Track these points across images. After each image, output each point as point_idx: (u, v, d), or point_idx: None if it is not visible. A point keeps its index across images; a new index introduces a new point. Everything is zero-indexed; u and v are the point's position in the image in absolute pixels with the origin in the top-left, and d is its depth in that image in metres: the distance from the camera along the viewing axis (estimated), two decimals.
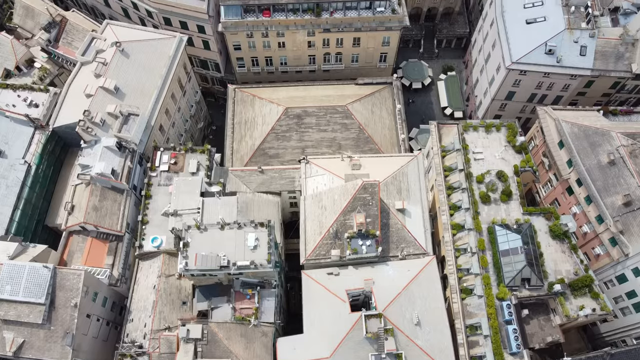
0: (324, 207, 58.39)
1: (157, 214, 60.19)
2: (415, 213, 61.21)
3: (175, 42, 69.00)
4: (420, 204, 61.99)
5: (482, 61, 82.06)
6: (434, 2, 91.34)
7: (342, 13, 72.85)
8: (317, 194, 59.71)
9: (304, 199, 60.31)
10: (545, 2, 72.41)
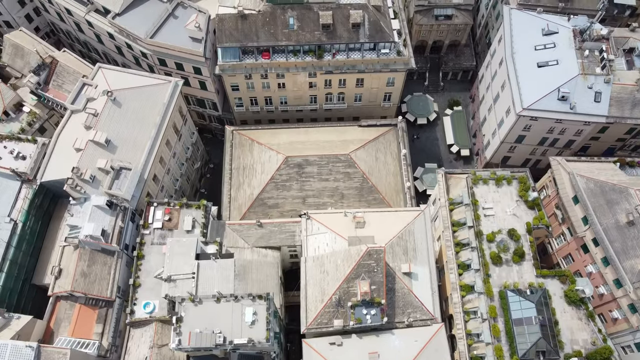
0: (326, 271, 55.15)
1: (150, 276, 56.98)
2: (422, 274, 58.01)
3: (170, 87, 65.83)
4: (427, 264, 58.81)
5: (490, 100, 78.81)
6: (439, 35, 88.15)
7: (344, 55, 69.63)
8: (318, 256, 56.47)
9: (305, 261, 57.07)
10: (557, 44, 69.20)
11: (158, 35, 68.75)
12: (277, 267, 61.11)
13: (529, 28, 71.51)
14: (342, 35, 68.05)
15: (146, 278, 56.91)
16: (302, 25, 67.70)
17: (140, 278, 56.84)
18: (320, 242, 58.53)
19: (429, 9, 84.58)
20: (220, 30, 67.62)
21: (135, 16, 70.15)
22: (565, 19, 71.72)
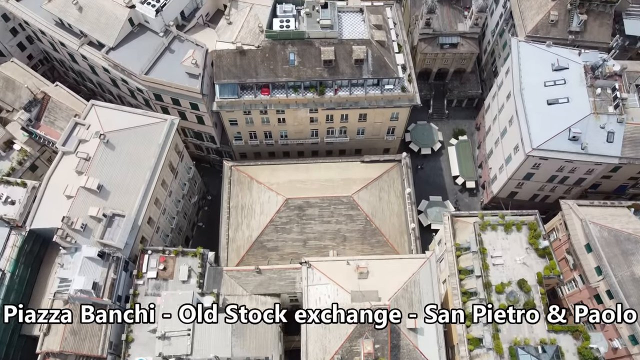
0: (327, 328, 52.58)
1: (143, 330, 54.46)
2: (428, 328, 55.32)
3: (166, 127, 63.37)
4: (433, 317, 56.09)
5: (497, 132, 76.23)
6: (444, 63, 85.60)
7: (347, 91, 67.11)
8: (320, 310, 53.85)
9: (306, 315, 54.48)
10: (568, 80, 66.66)
11: (153, 71, 66.24)
12: (279, 335, 58.56)
13: (538, 62, 68.98)
14: (344, 71, 65.53)
15: (139, 332, 54.40)
16: (303, 61, 65.19)
17: (133, 332, 54.34)
18: (321, 293, 55.92)
19: (434, 37, 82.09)
20: (218, 67, 65.13)
21: (130, 50, 67.72)
22: (575, 52, 69.15)
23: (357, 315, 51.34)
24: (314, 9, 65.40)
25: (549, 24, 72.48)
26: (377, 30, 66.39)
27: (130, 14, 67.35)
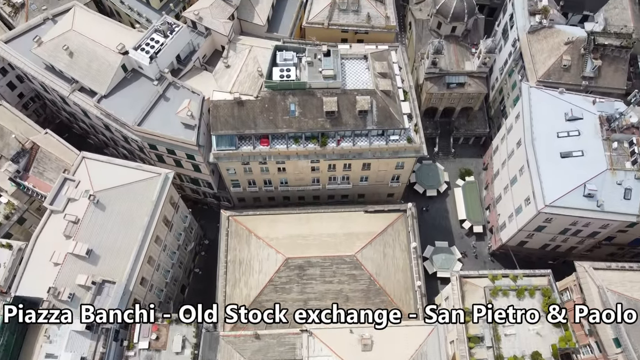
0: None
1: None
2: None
3: (160, 182, 60.30)
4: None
5: (507, 179, 73.07)
6: (450, 102, 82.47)
7: (350, 141, 63.99)
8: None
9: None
10: (582, 132, 63.57)
11: (147, 121, 63.18)
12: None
13: (550, 111, 65.94)
14: (347, 122, 62.41)
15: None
16: (304, 111, 62.08)
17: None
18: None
19: (440, 76, 78.95)
20: (215, 118, 62.02)
21: (123, 98, 64.65)
22: (590, 100, 66.11)
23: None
24: (316, 58, 62.29)
25: (562, 69, 69.39)
26: (382, 79, 63.25)
27: (124, 60, 64.28)
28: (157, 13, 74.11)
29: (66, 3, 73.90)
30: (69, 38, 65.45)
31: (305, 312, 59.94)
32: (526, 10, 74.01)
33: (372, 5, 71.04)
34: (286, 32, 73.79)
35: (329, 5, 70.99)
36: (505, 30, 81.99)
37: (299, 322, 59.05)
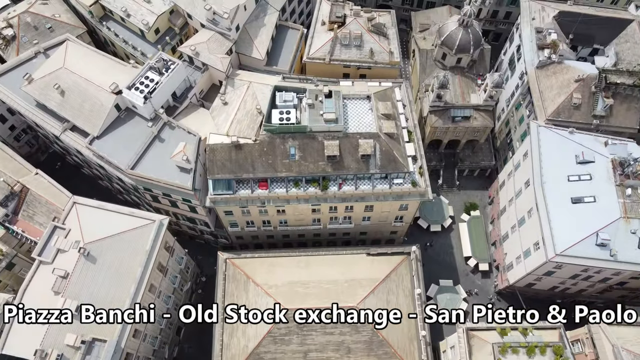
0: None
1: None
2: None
3: (154, 230, 57.77)
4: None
5: (514, 218, 70.56)
6: (455, 135, 79.96)
7: (352, 184, 61.49)
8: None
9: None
10: (593, 176, 61.11)
11: (141, 164, 60.66)
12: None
13: (561, 152, 63.54)
14: (349, 165, 59.92)
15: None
16: (304, 155, 59.59)
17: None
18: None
19: (445, 110, 76.47)
20: (212, 161, 59.53)
21: (116, 139, 62.12)
22: (601, 141, 63.73)
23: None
24: (317, 99, 59.83)
25: (572, 107, 66.91)
26: (385, 121, 60.78)
27: (117, 100, 61.81)
28: (153, 46, 71.68)
29: (58, 35, 71.84)
30: (60, 76, 62.96)
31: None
32: (534, 44, 71.56)
33: (375, 40, 68.52)
34: (286, 66, 71.38)
35: (330, 40, 68.49)
36: (512, 61, 79.57)
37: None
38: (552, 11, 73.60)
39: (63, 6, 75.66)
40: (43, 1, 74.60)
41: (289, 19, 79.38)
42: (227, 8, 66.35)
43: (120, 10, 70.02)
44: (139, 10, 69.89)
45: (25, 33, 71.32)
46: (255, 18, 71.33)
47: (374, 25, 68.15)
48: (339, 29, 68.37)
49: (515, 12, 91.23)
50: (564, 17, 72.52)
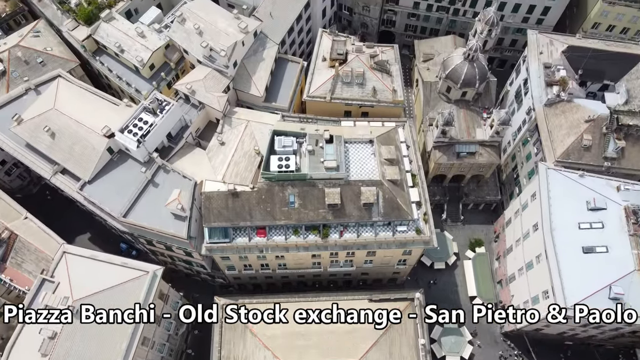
0: None
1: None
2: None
3: (147, 281, 55.31)
4: None
5: (522, 261, 68.06)
6: (460, 171, 77.48)
7: (354, 232, 59.01)
8: None
9: None
10: (605, 224, 58.65)
11: (134, 210, 58.41)
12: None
13: (571, 197, 61.02)
14: (351, 213, 57.45)
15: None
16: (304, 202, 57.10)
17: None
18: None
19: (450, 145, 73.99)
20: (208, 209, 57.05)
21: (109, 184, 59.86)
22: (613, 186, 61.22)
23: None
24: (317, 145, 57.38)
25: (582, 148, 64.44)
26: (389, 166, 58.31)
27: (109, 144, 59.46)
28: (148, 82, 69.27)
29: (50, 69, 69.54)
30: (50, 118, 60.65)
31: (305, 312, 59.80)
32: (542, 80, 69.15)
33: (378, 78, 66.08)
34: (285, 102, 68.99)
35: (331, 78, 66.04)
36: (518, 93, 77.10)
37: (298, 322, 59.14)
38: (561, 45, 71.18)
39: (56, 38, 73.24)
40: (35, 33, 72.18)
41: (288, 50, 77.03)
42: (224, 45, 64.03)
43: (113, 46, 67.63)
44: (133, 45, 67.48)
45: (16, 68, 68.90)
46: (254, 52, 68.98)
47: (377, 62, 65.74)
48: (340, 67, 65.92)
49: (521, 39, 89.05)
50: (573, 52, 70.12)
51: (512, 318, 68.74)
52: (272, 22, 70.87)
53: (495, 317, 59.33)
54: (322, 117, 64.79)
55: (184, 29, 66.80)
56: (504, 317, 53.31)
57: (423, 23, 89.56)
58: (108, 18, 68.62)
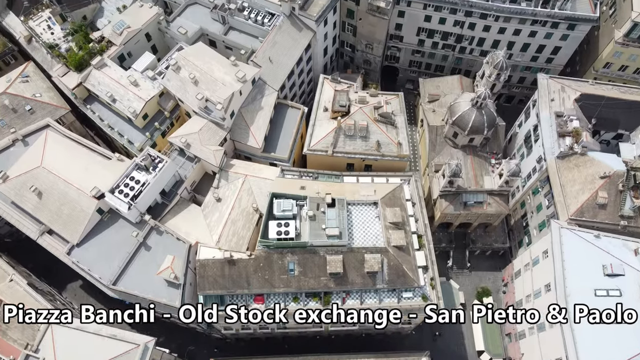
0: None
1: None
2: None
3: (138, 355, 52.15)
4: None
5: (533, 320, 64.80)
6: (467, 219, 74.32)
7: (357, 298, 55.87)
8: None
9: None
10: (624, 292, 55.56)
11: (125, 278, 55.42)
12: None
13: (586, 260, 57.90)
14: (354, 281, 54.33)
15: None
16: (304, 270, 53.99)
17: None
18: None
19: (456, 194, 70.84)
20: (202, 277, 53.88)
21: (99, 247, 56.92)
22: (631, 248, 58.08)
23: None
24: (319, 209, 54.24)
25: (597, 206, 61.25)
26: (394, 231, 55.15)
27: (99, 205, 56.38)
28: (141, 132, 66.07)
29: (40, 117, 66.58)
30: (37, 176, 57.62)
31: (305, 312, 55.19)
32: (554, 130, 66.01)
33: (383, 131, 62.90)
34: (285, 153, 65.78)
35: (333, 131, 62.85)
36: (528, 138, 73.89)
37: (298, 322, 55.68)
38: (573, 93, 68.02)
39: (45, 82, 70.13)
40: (23, 78, 69.08)
41: (288, 93, 73.91)
42: (220, 98, 60.96)
43: (105, 95, 64.52)
44: (126, 95, 64.37)
45: (3, 117, 65.77)
46: (252, 100, 65.88)
47: (382, 114, 62.59)
48: (342, 119, 62.77)
49: (529, 77, 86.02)
50: (586, 100, 66.98)
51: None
52: (271, 68, 67.78)
53: (495, 317, 61.60)
54: (324, 171, 61.68)
55: (179, 77, 63.74)
56: (504, 318, 54.65)
57: (428, 59, 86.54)
58: (99, 65, 65.50)
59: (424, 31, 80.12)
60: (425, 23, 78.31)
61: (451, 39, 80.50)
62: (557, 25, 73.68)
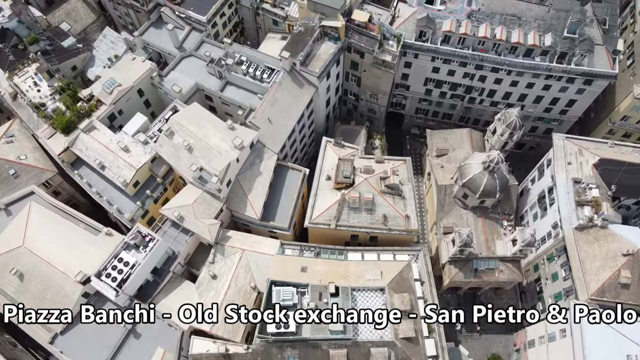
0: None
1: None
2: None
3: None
4: None
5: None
6: (478, 284, 70.24)
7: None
8: None
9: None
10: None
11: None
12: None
13: (609, 348, 53.73)
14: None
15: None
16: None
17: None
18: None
19: (467, 261, 66.80)
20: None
21: (84, 335, 53.14)
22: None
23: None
24: (321, 299, 50.21)
25: (619, 285, 57.14)
26: (403, 321, 51.08)
27: (85, 289, 52.40)
28: (132, 200, 62.05)
29: (24, 181, 62.88)
30: (19, 257, 53.70)
31: (305, 312, 50.13)
32: (572, 198, 61.96)
33: (389, 203, 58.84)
34: (285, 222, 61.70)
35: (336, 203, 58.76)
36: (542, 199, 69.77)
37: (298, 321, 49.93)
38: (592, 157, 64.01)
39: (31, 142, 66.35)
40: (7, 138, 65.27)
41: (289, 152, 69.91)
42: (216, 169, 56.98)
43: (93, 162, 60.57)
44: (115, 161, 60.42)
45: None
46: (250, 166, 61.91)
47: (388, 186, 58.57)
48: (346, 191, 58.74)
49: (541, 127, 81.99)
50: (605, 165, 62.97)
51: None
52: (271, 129, 63.87)
53: (495, 317, 62.96)
54: (326, 246, 57.70)
55: (172, 143, 59.83)
56: (504, 318, 53.06)
57: (435, 108, 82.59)
58: (88, 128, 61.59)
59: (431, 81, 76.23)
60: (433, 74, 74.41)
61: (460, 89, 76.55)
62: (573, 80, 69.76)
